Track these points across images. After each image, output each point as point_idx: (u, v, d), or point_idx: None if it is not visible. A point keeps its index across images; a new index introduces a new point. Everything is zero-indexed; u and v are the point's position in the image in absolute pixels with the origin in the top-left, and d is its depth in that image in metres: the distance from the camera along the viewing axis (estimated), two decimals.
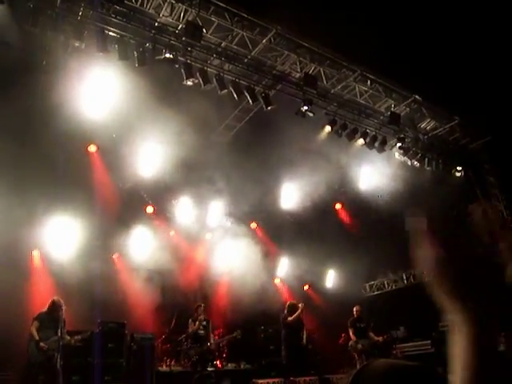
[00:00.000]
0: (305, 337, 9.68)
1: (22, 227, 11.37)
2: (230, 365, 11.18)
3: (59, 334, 7.45)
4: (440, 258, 0.88)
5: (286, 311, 9.64)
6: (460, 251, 0.88)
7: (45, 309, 7.81)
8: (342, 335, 13.21)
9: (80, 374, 9.40)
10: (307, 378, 8.93)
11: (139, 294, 13.58)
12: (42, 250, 11.97)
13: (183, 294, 14.61)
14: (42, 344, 7.27)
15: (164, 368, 10.80)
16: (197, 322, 9.41)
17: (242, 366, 11.86)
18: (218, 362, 10.49)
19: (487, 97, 11.03)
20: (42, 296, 9.55)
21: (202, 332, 9.36)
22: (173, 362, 11.31)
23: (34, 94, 10.04)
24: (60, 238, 12.31)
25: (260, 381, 8.72)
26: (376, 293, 15.76)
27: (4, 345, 9.53)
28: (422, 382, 0.95)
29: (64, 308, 7.73)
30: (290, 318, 9.45)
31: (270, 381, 8.77)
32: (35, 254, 11.89)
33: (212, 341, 9.43)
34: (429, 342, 11.88)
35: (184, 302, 14.43)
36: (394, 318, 13.28)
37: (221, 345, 11.17)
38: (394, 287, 15.13)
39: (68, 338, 7.62)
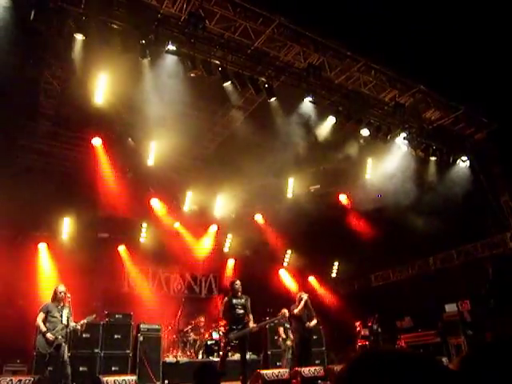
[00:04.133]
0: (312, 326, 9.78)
1: (29, 220, 11.47)
2: (236, 355, 11.26)
3: (65, 323, 7.51)
4: None
5: (296, 303, 9.69)
6: None
7: (49, 299, 7.87)
8: (357, 324, 13.30)
9: (87, 365, 9.53)
10: (312, 368, 8.96)
11: (145, 285, 13.70)
12: (49, 242, 12.07)
13: (189, 284, 14.73)
14: (48, 334, 7.34)
15: (171, 358, 10.91)
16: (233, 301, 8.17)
17: (247, 356, 11.94)
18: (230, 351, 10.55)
19: (493, 86, 10.94)
20: (48, 288, 9.64)
21: (242, 312, 8.14)
22: (179, 353, 11.42)
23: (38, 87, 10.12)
24: (66, 231, 12.42)
25: (265, 371, 8.75)
26: (381, 283, 15.77)
27: (13, 336, 9.67)
28: (421, 370, 0.96)
29: (69, 296, 7.78)
30: (295, 310, 9.51)
31: (276, 371, 8.80)
32: (42, 246, 12.00)
33: (252, 323, 8.15)
34: (434, 331, 11.91)
35: (190, 292, 14.56)
36: (400, 308, 13.31)
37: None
38: (399, 277, 15.13)
39: (74, 324, 7.68)
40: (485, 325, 10.79)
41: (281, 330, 10.97)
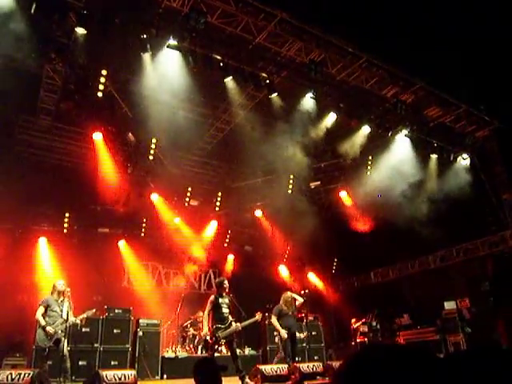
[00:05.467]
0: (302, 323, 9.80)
1: (29, 214, 11.48)
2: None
3: (65, 317, 7.53)
4: None
5: (281, 301, 9.54)
6: None
7: (49, 293, 7.89)
8: (353, 321, 13.33)
9: (87, 359, 9.57)
10: (311, 364, 9.00)
11: (145, 281, 13.71)
12: (49, 236, 12.07)
13: (188, 279, 14.75)
14: (48, 328, 7.36)
15: (170, 353, 10.94)
16: (220, 299, 8.11)
17: (246, 352, 12.00)
18: (224, 348, 10.57)
19: (494, 84, 10.92)
20: (48, 282, 9.66)
21: (227, 311, 8.17)
22: (178, 348, 11.45)
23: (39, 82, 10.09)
24: (66, 225, 12.42)
25: (263, 366, 8.77)
26: (381, 280, 15.79)
27: (12, 330, 9.70)
28: (420, 363, 0.96)
29: (69, 290, 7.79)
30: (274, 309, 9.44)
31: (275, 366, 8.83)
32: (42, 240, 12.00)
33: (234, 323, 8.12)
34: (433, 329, 11.92)
35: (189, 287, 14.57)
36: (399, 305, 13.33)
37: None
38: (398, 275, 15.14)
39: (74, 318, 7.70)
40: (484, 323, 10.81)
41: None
